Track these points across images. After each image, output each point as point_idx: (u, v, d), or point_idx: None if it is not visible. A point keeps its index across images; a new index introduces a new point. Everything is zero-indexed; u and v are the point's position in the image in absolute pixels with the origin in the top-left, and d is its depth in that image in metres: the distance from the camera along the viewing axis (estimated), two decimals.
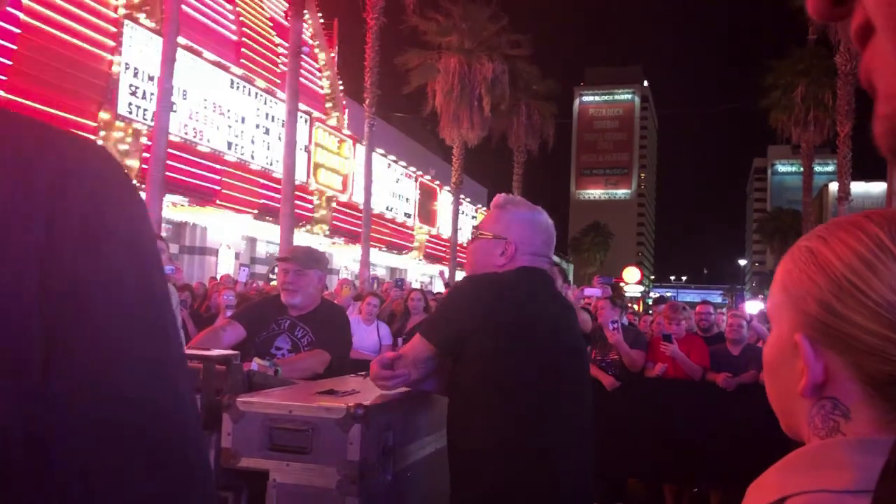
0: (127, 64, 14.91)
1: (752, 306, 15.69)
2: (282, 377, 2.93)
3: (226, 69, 17.96)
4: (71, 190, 0.66)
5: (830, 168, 60.86)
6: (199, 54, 16.87)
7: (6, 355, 0.62)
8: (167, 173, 13.32)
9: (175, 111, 14.86)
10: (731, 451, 5.83)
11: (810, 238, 0.76)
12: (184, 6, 14.51)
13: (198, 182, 16.62)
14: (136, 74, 15.13)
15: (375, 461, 2.07)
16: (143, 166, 14.15)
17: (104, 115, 14.60)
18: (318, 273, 3.75)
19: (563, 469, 2.08)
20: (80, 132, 0.77)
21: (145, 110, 15.16)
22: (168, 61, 12.50)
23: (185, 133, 16.45)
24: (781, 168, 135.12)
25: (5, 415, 0.61)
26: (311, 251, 3.89)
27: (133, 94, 15.05)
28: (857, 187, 33.75)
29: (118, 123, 14.79)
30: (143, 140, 14.93)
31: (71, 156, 0.69)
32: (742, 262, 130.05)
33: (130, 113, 14.98)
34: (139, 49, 15.19)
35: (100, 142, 11.38)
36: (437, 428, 2.50)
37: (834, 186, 37.10)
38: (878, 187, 42.71)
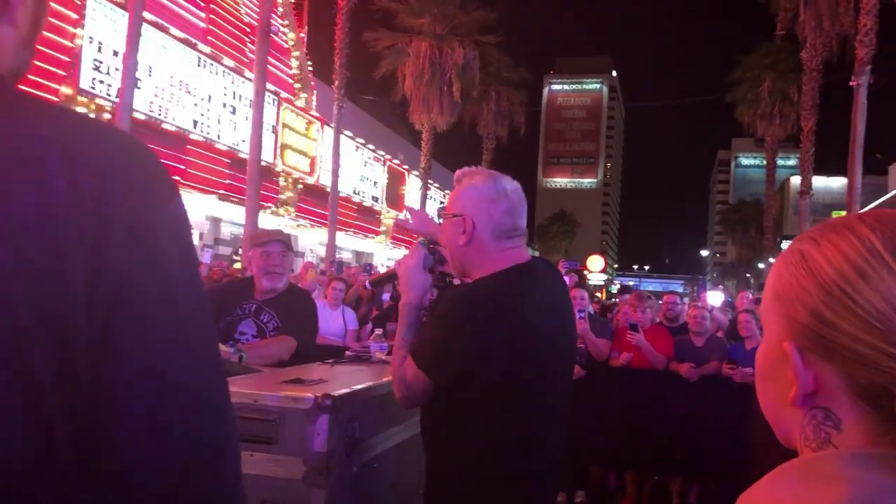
0: (91, 38, 14.54)
1: (714, 296, 15.89)
2: (246, 364, 2.88)
3: (193, 46, 17.62)
4: (119, 187, 0.69)
5: (792, 162, 61.82)
6: (165, 30, 16.52)
7: (54, 352, 0.64)
8: None
9: (140, 88, 14.56)
10: (692, 440, 5.91)
11: (802, 240, 0.74)
12: None
13: (162, 161, 16.32)
14: (99, 49, 14.76)
15: (342, 452, 2.04)
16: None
17: (66, 90, 14.23)
18: (293, 257, 3.70)
19: (546, 458, 2.02)
20: None
21: (109, 86, 14.82)
22: (134, 36, 12.23)
23: (150, 110, 16.12)
24: (745, 161, 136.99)
25: (54, 406, 0.65)
26: (287, 235, 3.83)
27: (97, 69, 14.68)
28: (819, 182, 34.33)
29: (80, 99, 14.42)
30: (107, 116, 14.60)
31: (116, 152, 0.72)
32: (704, 252, 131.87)
33: (93, 88, 14.61)
34: (103, 23, 14.81)
35: None
36: (405, 419, 2.47)
37: (796, 180, 37.74)
38: (838, 182, 43.50)
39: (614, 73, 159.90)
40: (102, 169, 0.69)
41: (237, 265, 14.83)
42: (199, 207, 19.39)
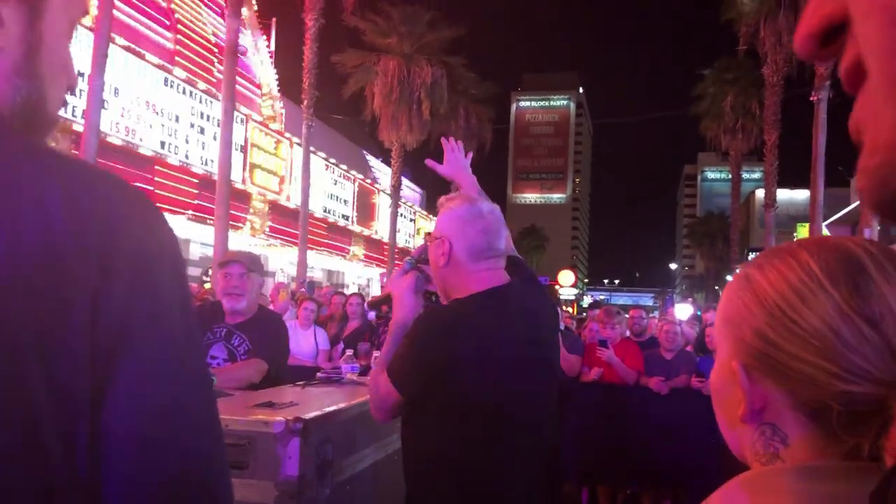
0: None
1: (682, 309, 16.05)
2: (217, 388, 2.87)
3: (160, 67, 17.52)
4: (121, 230, 0.70)
5: (757, 175, 62.77)
6: (132, 51, 16.42)
7: (55, 392, 0.64)
8: None
9: (106, 109, 14.43)
10: (664, 453, 5.96)
11: (749, 265, 0.78)
12: (117, 1, 14.10)
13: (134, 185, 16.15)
14: None
15: (314, 475, 2.04)
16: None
17: None
18: (259, 279, 3.69)
19: (517, 483, 2.03)
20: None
21: (75, 107, 14.68)
22: (100, 57, 12.14)
23: (117, 131, 15.98)
24: (711, 175, 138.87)
25: (52, 444, 0.65)
26: (253, 255, 3.82)
27: None
28: (783, 194, 34.90)
29: None
30: (73, 137, 14.44)
31: (118, 201, 0.72)
32: (673, 265, 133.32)
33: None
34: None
35: None
36: (377, 439, 2.48)
37: (760, 193, 38.34)
38: (802, 195, 44.24)
39: (581, 90, 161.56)
40: (105, 218, 0.69)
41: (207, 285, 14.71)
42: None
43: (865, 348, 0.67)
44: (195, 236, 20.71)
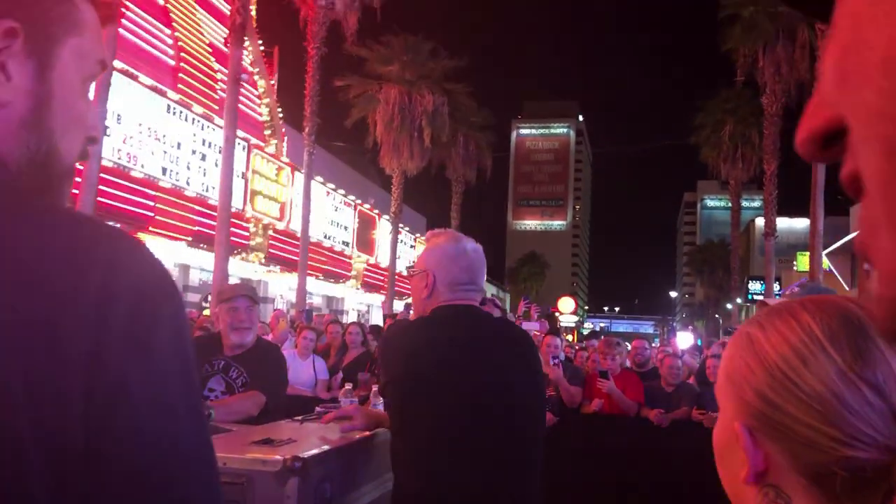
0: None
1: (683, 338, 16.01)
2: (214, 422, 2.85)
3: (163, 94, 17.64)
4: (119, 291, 0.69)
5: (757, 203, 62.91)
6: (135, 78, 16.54)
7: (49, 455, 0.63)
8: (98, 199, 12.96)
9: (108, 135, 14.51)
10: (664, 486, 5.90)
11: (751, 323, 0.78)
12: (121, 29, 14.24)
13: (130, 208, 16.21)
14: None
15: None
16: (74, 191, 13.73)
17: None
18: (258, 310, 3.71)
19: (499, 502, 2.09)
20: None
21: None
22: (103, 84, 12.23)
23: (119, 158, 16.05)
24: (710, 203, 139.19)
25: (41, 496, 0.64)
26: (252, 286, 3.84)
27: None
28: (783, 223, 34.97)
29: None
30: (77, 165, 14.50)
31: (119, 256, 0.71)
32: (673, 293, 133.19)
33: None
34: None
35: None
36: (377, 475, 2.46)
37: (760, 222, 38.39)
38: (801, 223, 44.34)
39: (581, 118, 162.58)
40: (105, 279, 0.68)
41: (206, 312, 14.68)
42: (168, 254, 19.21)
43: (869, 414, 0.66)
44: (194, 262, 20.73)
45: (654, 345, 11.16)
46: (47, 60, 0.77)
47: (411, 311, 2.62)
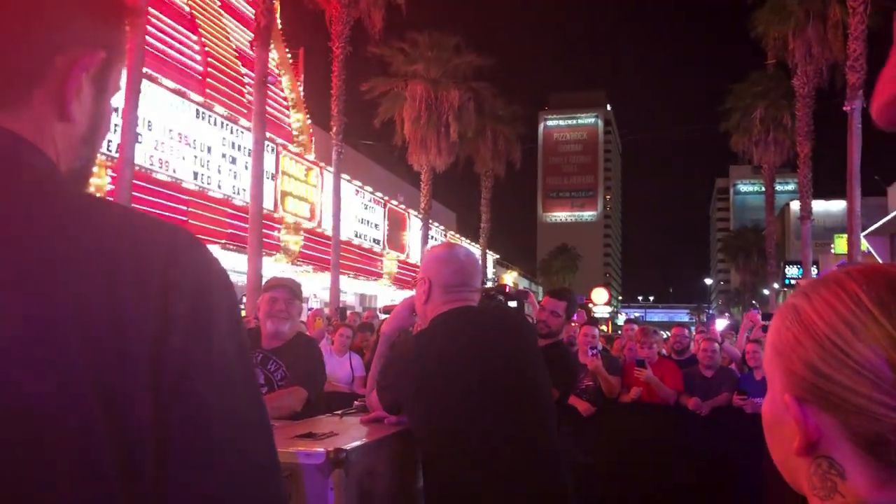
0: None
1: (722, 325, 15.82)
2: None
3: (190, 99, 17.84)
4: (180, 278, 0.73)
5: (791, 187, 61.99)
6: (163, 84, 16.74)
7: (116, 440, 0.67)
8: (133, 205, 13.16)
9: (140, 142, 14.71)
10: (703, 473, 5.85)
11: (796, 295, 0.77)
12: (148, 36, 14.41)
13: (163, 213, 16.41)
14: None
15: None
16: (108, 198, 13.91)
17: None
18: (300, 306, 3.75)
19: (526, 490, 2.15)
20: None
21: (110, 141, 14.98)
22: (133, 91, 12.40)
23: (151, 164, 16.27)
24: (743, 188, 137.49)
25: (119, 495, 0.67)
26: (296, 283, 3.88)
27: None
28: (818, 206, 34.38)
29: None
30: (108, 172, 14.74)
31: (177, 245, 0.76)
32: (708, 280, 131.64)
33: None
34: None
35: None
36: (418, 468, 2.47)
37: (795, 205, 37.86)
38: (838, 206, 43.50)
39: (609, 107, 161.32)
40: (167, 269, 0.73)
41: (241, 313, 14.81)
42: None
43: None
44: (227, 264, 20.79)
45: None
46: (105, 85, 0.84)
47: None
